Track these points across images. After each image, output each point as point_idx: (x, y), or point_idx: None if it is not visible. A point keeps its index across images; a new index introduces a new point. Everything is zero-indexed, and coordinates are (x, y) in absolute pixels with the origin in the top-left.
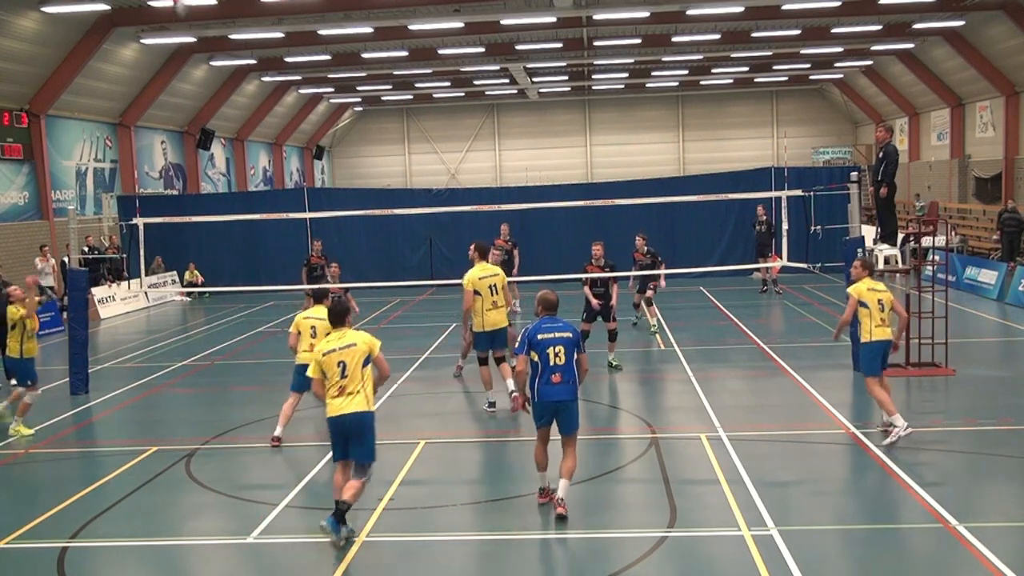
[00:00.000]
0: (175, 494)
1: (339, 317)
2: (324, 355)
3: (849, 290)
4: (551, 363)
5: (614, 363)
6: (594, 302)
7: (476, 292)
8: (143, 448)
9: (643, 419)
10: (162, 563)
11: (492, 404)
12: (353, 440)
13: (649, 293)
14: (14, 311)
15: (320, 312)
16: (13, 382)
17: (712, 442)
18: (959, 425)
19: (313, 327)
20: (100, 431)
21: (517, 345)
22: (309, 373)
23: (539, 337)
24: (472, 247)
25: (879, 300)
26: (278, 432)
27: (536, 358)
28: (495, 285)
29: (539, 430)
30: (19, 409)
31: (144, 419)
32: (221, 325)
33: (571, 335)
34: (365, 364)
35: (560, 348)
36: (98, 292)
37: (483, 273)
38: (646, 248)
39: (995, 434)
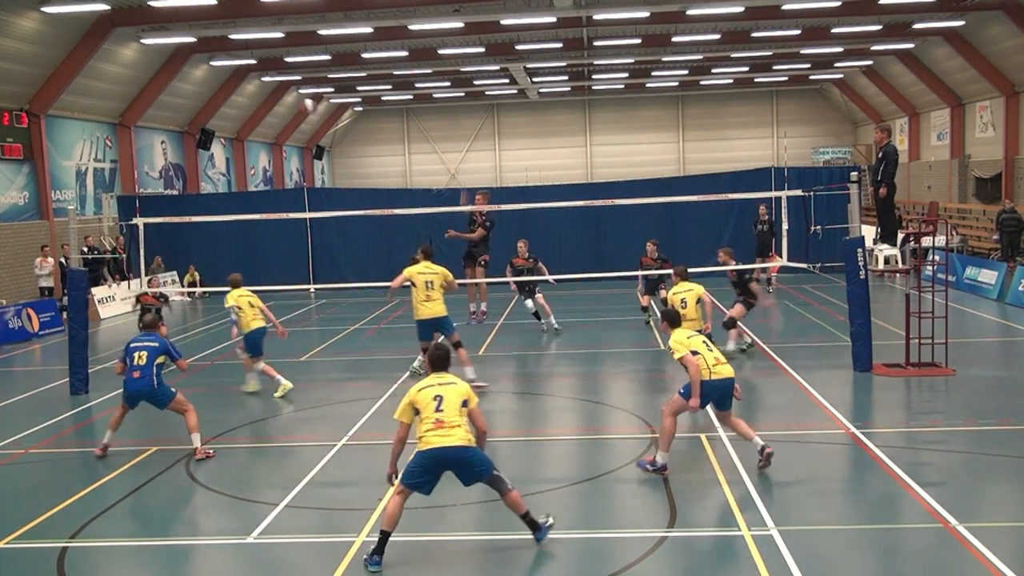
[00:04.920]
0: (175, 494)
1: (440, 362)
2: (419, 391)
3: (672, 346)
4: (135, 363)
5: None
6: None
7: (412, 284)
8: (143, 448)
9: (643, 419)
10: (162, 563)
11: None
12: (463, 472)
13: (663, 294)
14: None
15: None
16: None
17: (712, 442)
18: (959, 425)
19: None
20: (100, 431)
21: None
22: (396, 416)
23: (131, 345)
24: (420, 249)
25: (703, 341)
26: None
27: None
28: (432, 281)
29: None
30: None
31: (144, 419)
32: (221, 325)
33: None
34: (463, 405)
35: (144, 353)
36: (98, 292)
37: (423, 270)
38: (657, 254)
39: (995, 434)
